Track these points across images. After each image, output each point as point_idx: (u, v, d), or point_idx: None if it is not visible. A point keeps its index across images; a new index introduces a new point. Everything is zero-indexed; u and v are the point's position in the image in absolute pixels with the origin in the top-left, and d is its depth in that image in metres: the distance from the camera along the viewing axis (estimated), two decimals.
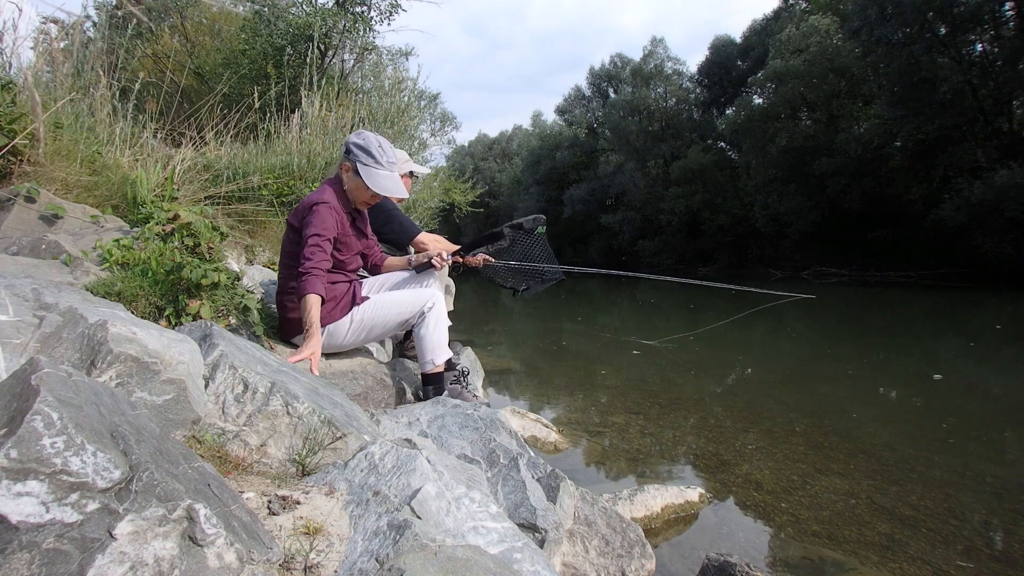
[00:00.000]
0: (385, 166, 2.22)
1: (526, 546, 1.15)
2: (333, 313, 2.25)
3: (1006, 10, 15.41)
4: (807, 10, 23.08)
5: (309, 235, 2.12)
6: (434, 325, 2.35)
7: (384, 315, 2.33)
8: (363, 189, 2.23)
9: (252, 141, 4.80)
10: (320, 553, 1.00)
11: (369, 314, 2.31)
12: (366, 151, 2.20)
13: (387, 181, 2.22)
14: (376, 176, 2.20)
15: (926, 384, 4.38)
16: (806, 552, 1.88)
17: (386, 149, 2.23)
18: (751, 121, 22.51)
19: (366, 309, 2.31)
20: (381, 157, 2.20)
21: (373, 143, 2.21)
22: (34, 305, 1.37)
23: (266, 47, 6.95)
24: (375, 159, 2.20)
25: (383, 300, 2.35)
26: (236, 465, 1.27)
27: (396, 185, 2.24)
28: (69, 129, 3.04)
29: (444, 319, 2.41)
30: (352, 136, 2.26)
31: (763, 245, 23.08)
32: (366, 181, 2.19)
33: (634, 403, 3.65)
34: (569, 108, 37.70)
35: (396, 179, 2.25)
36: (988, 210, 14.02)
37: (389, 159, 2.23)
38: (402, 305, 2.35)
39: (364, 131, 2.27)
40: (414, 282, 2.60)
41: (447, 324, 2.43)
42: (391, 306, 2.34)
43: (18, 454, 0.71)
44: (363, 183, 2.20)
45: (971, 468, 2.60)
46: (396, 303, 2.35)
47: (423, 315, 2.36)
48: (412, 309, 2.36)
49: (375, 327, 2.35)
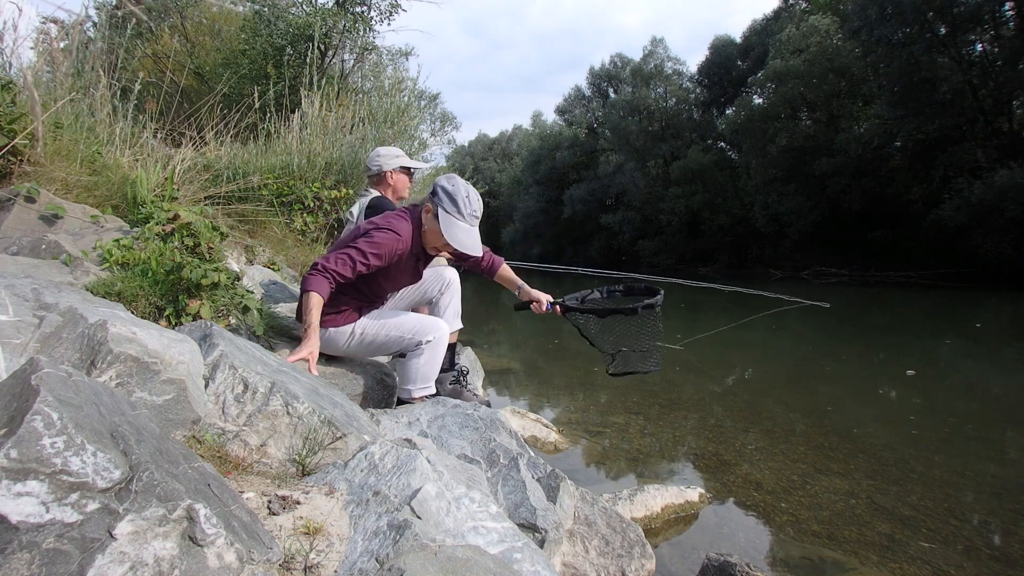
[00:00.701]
0: (466, 219, 2.08)
1: (526, 546, 1.15)
2: (336, 319, 2.19)
3: (1006, 10, 15.42)
4: (807, 10, 23.09)
5: (355, 246, 2.02)
6: (427, 359, 2.22)
7: (385, 336, 2.23)
8: (438, 235, 2.10)
9: (252, 141, 4.80)
10: (320, 553, 1.00)
11: (371, 332, 2.23)
12: (452, 198, 2.07)
13: (463, 235, 2.08)
14: (454, 228, 2.07)
15: (926, 384, 4.38)
16: (806, 552, 1.88)
17: (472, 200, 2.09)
18: (751, 121, 22.52)
19: (368, 325, 2.23)
20: (465, 208, 2.07)
21: (461, 192, 2.08)
22: (34, 305, 1.37)
23: (266, 47, 6.95)
24: (458, 209, 2.06)
25: (387, 322, 2.24)
26: (236, 465, 1.27)
27: (473, 242, 2.10)
28: (69, 129, 3.04)
29: (440, 355, 2.27)
30: (442, 179, 2.13)
31: (763, 245, 23.09)
32: (443, 230, 2.06)
33: (634, 403, 3.65)
34: (569, 108, 37.72)
35: (475, 235, 2.12)
36: (988, 210, 14.03)
37: (472, 211, 2.09)
38: (403, 329, 2.22)
39: (456, 177, 2.14)
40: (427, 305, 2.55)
41: (441, 360, 2.29)
42: (393, 329, 2.23)
43: (18, 454, 0.71)
44: (439, 230, 2.07)
45: (971, 468, 2.60)
46: (399, 327, 2.23)
47: (420, 346, 2.23)
48: (412, 338, 2.22)
49: (373, 345, 2.24)
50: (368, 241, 2.03)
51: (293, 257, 4.35)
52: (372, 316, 2.25)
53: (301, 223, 4.51)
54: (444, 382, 2.47)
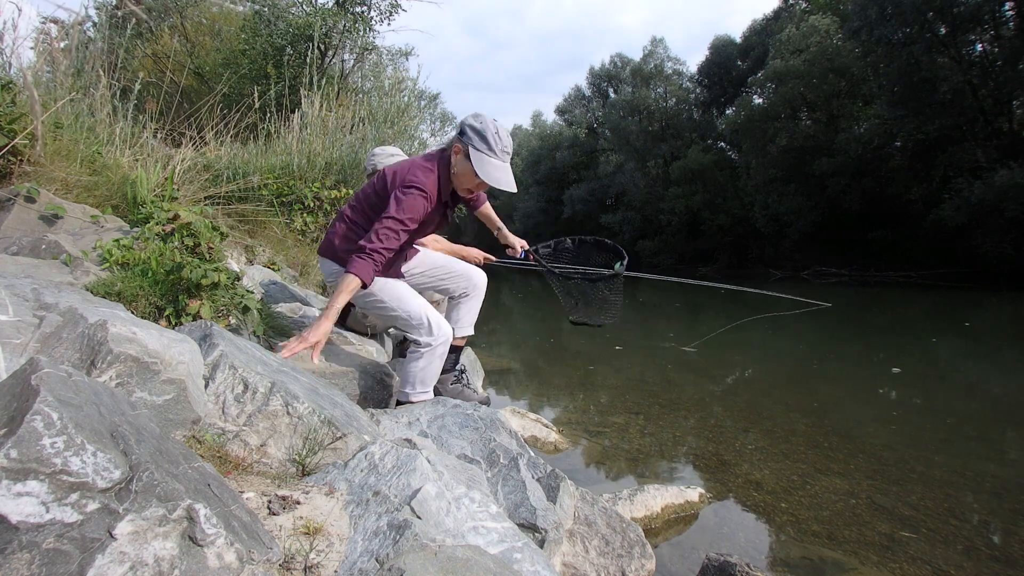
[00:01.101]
0: (498, 155, 2.03)
1: (526, 546, 1.15)
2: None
3: (1006, 10, 15.43)
4: (807, 10, 23.09)
5: (393, 215, 1.96)
6: (425, 363, 2.15)
7: (393, 306, 2.14)
8: (471, 176, 2.04)
9: (252, 141, 4.81)
10: (320, 553, 1.00)
11: (381, 292, 2.12)
12: (481, 135, 2.00)
13: (498, 172, 2.02)
14: (487, 165, 2.01)
15: (926, 384, 4.38)
16: (806, 552, 1.88)
17: (502, 137, 2.04)
18: (751, 121, 22.52)
19: (382, 286, 2.12)
20: (496, 144, 2.01)
21: (490, 128, 2.02)
22: (34, 305, 1.37)
23: (266, 47, 6.95)
24: (489, 146, 2.00)
25: (401, 293, 2.15)
26: (236, 465, 1.27)
27: (507, 177, 2.05)
28: (69, 129, 3.04)
29: (439, 361, 2.19)
30: (469, 117, 2.06)
31: (763, 245, 23.09)
32: (476, 168, 2.00)
33: (634, 403, 3.65)
34: (569, 108, 37.72)
35: (508, 171, 2.06)
36: (988, 210, 14.03)
37: (503, 147, 2.04)
38: (410, 312, 2.13)
39: (482, 114, 2.07)
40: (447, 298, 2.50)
41: (439, 366, 2.22)
42: (401, 303, 2.14)
43: (18, 454, 0.71)
44: (472, 170, 2.01)
45: (971, 468, 2.60)
46: (407, 306, 2.14)
47: (419, 347, 2.15)
48: (413, 325, 2.14)
49: (377, 305, 2.17)
50: (403, 208, 1.98)
51: (293, 257, 4.36)
52: (391, 276, 2.18)
53: (301, 223, 4.52)
54: (446, 382, 2.47)
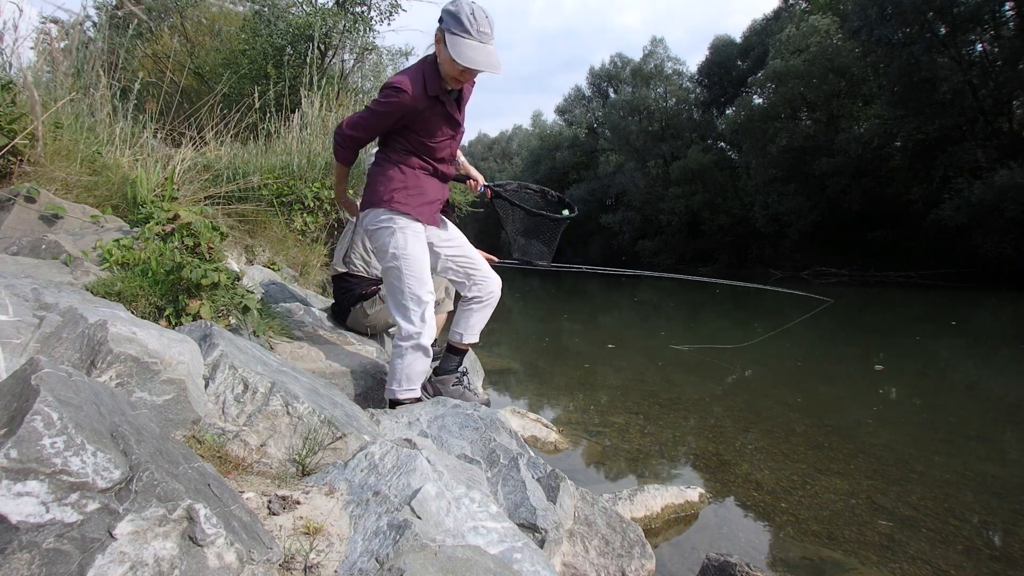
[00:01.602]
0: (475, 35, 1.89)
1: (526, 546, 1.15)
2: (407, 200, 2.08)
3: (1006, 10, 15.42)
4: (807, 10, 23.08)
5: (368, 106, 2.02)
6: (410, 361, 2.11)
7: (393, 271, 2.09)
8: (451, 62, 1.93)
9: (252, 141, 4.81)
10: (320, 553, 1.00)
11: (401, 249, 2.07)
12: (456, 18, 1.90)
13: (473, 52, 1.89)
14: (462, 46, 1.89)
15: (926, 384, 4.38)
16: (806, 552, 1.88)
17: (478, 18, 1.91)
18: (751, 121, 22.51)
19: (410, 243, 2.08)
20: (471, 26, 1.89)
21: (464, 10, 1.90)
22: (34, 305, 1.37)
23: (266, 47, 6.95)
24: (464, 27, 1.89)
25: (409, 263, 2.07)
26: (236, 465, 1.27)
27: (485, 58, 1.91)
28: (69, 129, 3.04)
29: (423, 359, 2.14)
30: (447, 3, 1.97)
31: (763, 245, 23.08)
32: (451, 52, 1.90)
33: (634, 403, 3.65)
34: (569, 108, 37.70)
35: (487, 51, 1.92)
36: (988, 210, 14.02)
37: (480, 28, 1.91)
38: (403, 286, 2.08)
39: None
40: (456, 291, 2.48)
41: (424, 365, 2.17)
42: (399, 275, 2.08)
43: (18, 454, 0.71)
44: (450, 56, 1.91)
45: (971, 468, 2.60)
46: (403, 283, 2.08)
47: (398, 338, 2.12)
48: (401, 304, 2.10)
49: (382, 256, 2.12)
50: (375, 100, 2.04)
51: (293, 257, 4.35)
52: (422, 211, 2.13)
53: (301, 223, 4.51)
54: (447, 383, 2.47)
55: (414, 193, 2.11)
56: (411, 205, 2.10)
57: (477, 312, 2.40)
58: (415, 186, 2.11)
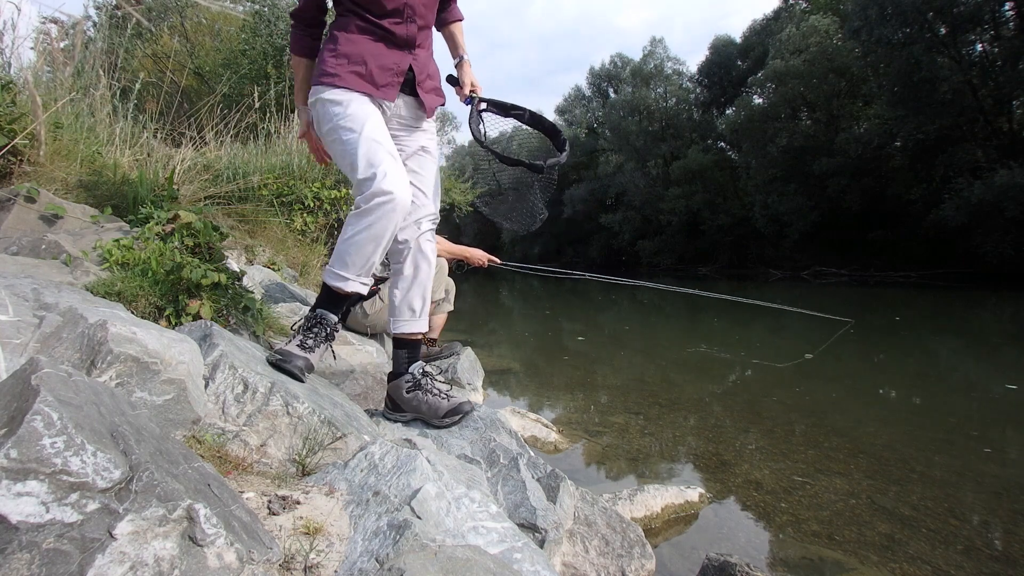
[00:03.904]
0: None
1: (526, 546, 1.15)
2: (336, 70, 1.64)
3: (1006, 10, 15.44)
4: (807, 10, 23.10)
5: None
6: (351, 231, 1.62)
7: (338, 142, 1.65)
8: None
9: (252, 141, 4.81)
10: (320, 553, 1.00)
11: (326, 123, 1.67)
12: None
13: None
14: None
15: (926, 384, 4.38)
16: (806, 552, 1.88)
17: None
18: (751, 121, 22.53)
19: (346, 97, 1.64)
20: None
21: None
22: (34, 305, 1.37)
23: (266, 47, 6.95)
24: None
25: (357, 109, 1.64)
26: (236, 465, 1.27)
27: None
28: (69, 129, 3.04)
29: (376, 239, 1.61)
30: None
31: (763, 245, 23.10)
32: None
33: (634, 403, 3.65)
34: (569, 108, 37.76)
35: None
36: (988, 210, 14.04)
37: None
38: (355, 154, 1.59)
39: None
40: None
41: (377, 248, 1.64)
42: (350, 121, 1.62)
43: (18, 454, 0.71)
44: None
45: (971, 468, 2.60)
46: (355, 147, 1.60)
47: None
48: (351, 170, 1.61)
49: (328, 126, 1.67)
50: None
51: (293, 257, 4.35)
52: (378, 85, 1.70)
53: (301, 223, 4.51)
54: (400, 390, 1.82)
55: (344, 60, 1.66)
56: (340, 76, 1.65)
57: (403, 283, 1.79)
58: (349, 52, 1.66)
